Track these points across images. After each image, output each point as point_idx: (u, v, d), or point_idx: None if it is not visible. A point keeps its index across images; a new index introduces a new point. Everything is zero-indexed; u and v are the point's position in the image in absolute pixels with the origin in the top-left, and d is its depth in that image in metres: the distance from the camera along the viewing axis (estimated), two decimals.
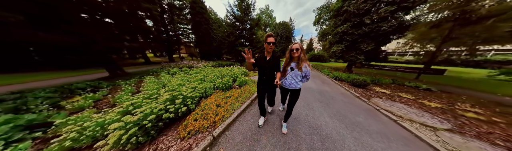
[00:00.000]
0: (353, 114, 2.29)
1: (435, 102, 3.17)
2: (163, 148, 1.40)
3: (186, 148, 1.39)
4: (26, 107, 2.25)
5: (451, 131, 1.91)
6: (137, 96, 2.24)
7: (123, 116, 1.66)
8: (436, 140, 1.64)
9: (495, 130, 2.03)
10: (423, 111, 2.62)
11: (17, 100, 2.34)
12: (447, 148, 1.52)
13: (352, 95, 3.53)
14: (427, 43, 7.42)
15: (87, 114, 1.96)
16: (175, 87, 2.61)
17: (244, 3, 10.73)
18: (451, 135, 1.79)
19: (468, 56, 8.91)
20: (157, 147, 1.42)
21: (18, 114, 2.02)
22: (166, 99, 1.85)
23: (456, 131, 1.91)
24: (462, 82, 6.78)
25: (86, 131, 1.42)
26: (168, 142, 1.49)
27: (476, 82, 7.20)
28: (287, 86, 1.52)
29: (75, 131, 1.40)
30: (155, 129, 1.58)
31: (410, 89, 4.68)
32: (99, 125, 1.49)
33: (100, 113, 2.05)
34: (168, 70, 5.96)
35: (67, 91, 3.02)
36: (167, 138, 1.56)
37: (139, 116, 1.41)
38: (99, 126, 1.48)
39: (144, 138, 1.43)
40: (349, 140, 1.56)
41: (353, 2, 5.51)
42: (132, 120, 1.38)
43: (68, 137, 1.34)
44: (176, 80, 3.48)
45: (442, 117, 2.35)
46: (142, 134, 1.43)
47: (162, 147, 1.42)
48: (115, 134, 1.26)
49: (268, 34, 1.34)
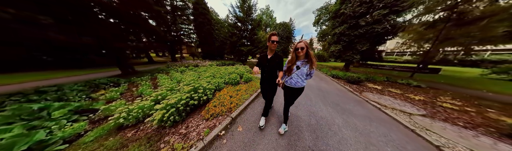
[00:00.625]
0: (344, 104, 2.71)
1: (419, 96, 3.59)
2: (193, 126, 1.81)
3: (211, 126, 1.79)
4: (66, 98, 2.66)
5: (424, 116, 2.33)
6: (161, 88, 2.66)
7: (155, 103, 2.08)
8: (408, 121, 2.06)
9: (462, 116, 2.45)
10: (406, 102, 3.04)
11: (58, 92, 2.75)
12: (415, 126, 1.94)
13: (346, 90, 3.96)
14: (424, 43, 7.60)
15: (120, 103, 2.37)
16: (190, 82, 3.02)
17: (246, 4, 11.15)
18: (423, 119, 2.21)
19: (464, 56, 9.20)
20: (188, 125, 1.83)
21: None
22: (190, 89, 2.26)
23: (428, 116, 2.33)
24: (454, 80, 7.09)
25: (132, 112, 1.83)
26: (195, 122, 1.90)
27: (468, 80, 7.47)
28: (293, 84, 1.49)
29: (124, 112, 1.81)
30: (184, 112, 1.99)
31: (402, 86, 5.09)
32: (140, 108, 1.90)
33: (130, 102, 2.47)
34: (176, 69, 6.37)
35: (93, 86, 3.43)
36: (194, 120, 1.97)
37: (175, 100, 1.82)
38: (140, 109, 1.90)
39: (178, 118, 1.83)
40: (339, 119, 1.98)
41: (349, 5, 5.96)
42: (170, 103, 1.79)
43: (121, 116, 1.75)
44: (188, 76, 3.90)
45: (421, 107, 2.77)
46: (177, 115, 1.84)
47: (191, 125, 1.83)
48: (159, 113, 1.67)
49: (272, 32, 1.35)
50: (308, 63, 1.36)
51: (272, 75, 1.57)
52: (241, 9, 11.25)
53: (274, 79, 1.54)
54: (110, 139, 1.55)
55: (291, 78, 1.48)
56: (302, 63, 1.39)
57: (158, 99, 2.23)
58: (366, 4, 5.40)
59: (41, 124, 1.65)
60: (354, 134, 1.67)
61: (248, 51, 10.63)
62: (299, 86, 1.48)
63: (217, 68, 5.67)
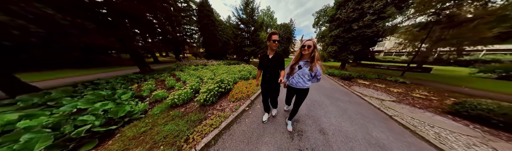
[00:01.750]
0: (334, 93, 3.51)
1: (398, 89, 4.38)
2: (224, 105, 2.58)
3: (237, 105, 2.57)
4: (114, 88, 3.43)
5: (393, 101, 3.13)
6: (189, 81, 3.44)
7: (193, 90, 2.87)
8: (378, 104, 2.85)
9: (424, 102, 3.24)
10: (385, 93, 3.83)
11: (108, 84, 3.52)
12: (381, 106, 2.73)
13: (338, 84, 4.76)
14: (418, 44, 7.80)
15: (162, 91, 3.14)
16: (212, 76, 3.80)
17: (249, 7, 11.97)
18: (390, 103, 3.00)
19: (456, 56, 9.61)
20: (221, 105, 2.60)
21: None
22: (218, 81, 3.04)
23: (396, 101, 3.13)
24: (441, 78, 7.64)
25: (181, 96, 2.60)
26: (225, 103, 2.67)
27: (455, 78, 7.88)
28: (294, 84, 1.49)
29: (176, 95, 2.58)
30: (217, 96, 2.77)
31: (389, 82, 5.89)
32: (185, 93, 2.68)
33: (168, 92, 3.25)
34: (188, 67, 7.14)
35: (129, 80, 4.20)
36: (223, 102, 2.74)
37: (214, 86, 2.61)
38: (185, 94, 2.67)
39: (214, 99, 2.61)
40: (327, 102, 2.78)
41: (344, 11, 6.78)
42: (209, 88, 2.57)
43: (174, 97, 2.52)
44: (204, 73, 4.68)
45: (394, 96, 3.57)
46: (213, 97, 2.61)
47: (223, 105, 2.60)
48: (203, 95, 2.45)
49: (273, 31, 1.33)
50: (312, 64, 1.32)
51: (274, 75, 1.55)
52: (245, 11, 12.06)
53: (276, 79, 1.53)
54: (170, 112, 2.32)
55: (293, 77, 1.50)
56: (305, 63, 1.38)
57: (192, 88, 3.02)
58: (358, 10, 6.22)
59: (122, 102, 2.42)
60: (336, 109, 2.46)
61: (251, 51, 11.43)
62: (301, 86, 1.47)
63: (226, 67, 6.45)
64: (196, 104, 2.51)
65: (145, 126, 1.84)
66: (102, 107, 2.06)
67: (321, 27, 15.88)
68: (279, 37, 1.39)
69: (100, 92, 2.76)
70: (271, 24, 29.16)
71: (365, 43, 6.68)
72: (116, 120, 1.91)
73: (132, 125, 1.89)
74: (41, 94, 2.59)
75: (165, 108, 2.47)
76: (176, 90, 3.11)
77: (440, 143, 1.62)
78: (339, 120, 2.11)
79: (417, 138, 1.75)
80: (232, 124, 1.93)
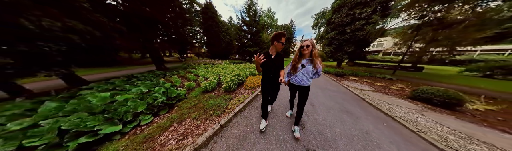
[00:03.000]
0: (326, 86, 4.45)
1: (381, 83, 5.33)
2: (242, 92, 3.51)
3: (251, 92, 3.50)
4: (151, 80, 4.35)
5: (371, 91, 4.07)
6: (212, 74, 4.36)
7: (216, 81, 3.80)
8: (359, 93, 3.79)
9: (396, 92, 4.17)
10: (368, 86, 4.78)
11: (145, 77, 4.45)
12: (360, 94, 3.67)
13: (331, 80, 5.71)
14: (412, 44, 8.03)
15: (190, 83, 4.06)
16: (227, 72, 4.73)
17: (251, 10, 12.96)
18: (368, 92, 3.95)
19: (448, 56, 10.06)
20: (239, 92, 3.52)
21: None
22: (235, 74, 3.98)
23: (374, 91, 4.07)
24: (429, 76, 8.14)
25: (210, 84, 3.53)
26: (242, 91, 3.59)
27: (442, 76, 8.40)
28: (298, 82, 1.55)
29: (206, 84, 3.51)
30: (236, 85, 3.70)
31: (377, 78, 6.80)
32: (211, 83, 3.61)
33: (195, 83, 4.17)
34: (198, 66, 8.07)
35: (156, 75, 5.13)
36: (240, 90, 3.67)
37: (234, 78, 3.54)
38: (211, 84, 3.60)
39: (235, 87, 3.54)
40: (319, 91, 3.73)
41: (338, 16, 7.76)
42: (232, 79, 3.51)
43: (205, 85, 3.45)
44: (218, 70, 5.60)
45: (374, 88, 4.51)
46: (233, 85, 3.54)
47: (241, 92, 3.53)
48: (227, 83, 3.38)
49: (282, 33, 1.36)
50: (313, 61, 1.41)
51: (276, 75, 1.61)
52: (247, 14, 13.05)
53: (277, 78, 1.59)
54: (206, 95, 3.24)
55: (296, 76, 1.54)
56: (307, 62, 1.45)
57: (216, 80, 3.95)
58: (350, 15, 7.19)
59: (169, 88, 3.35)
60: (325, 95, 3.41)
61: (254, 51, 12.39)
62: (304, 84, 1.53)
63: (234, 65, 7.39)
64: (221, 91, 3.44)
65: (192, 102, 2.76)
66: (160, 90, 2.99)
67: (320, 28, 16.89)
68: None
69: (147, 82, 3.69)
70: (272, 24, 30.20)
71: (358, 44, 7.65)
72: (171, 98, 2.84)
73: (183, 102, 2.81)
74: (103, 83, 3.52)
75: (200, 93, 3.40)
76: (201, 82, 4.05)
77: (388, 111, 2.56)
78: (325, 100, 3.05)
79: (374, 109, 2.70)
80: (251, 101, 2.87)
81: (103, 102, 2.21)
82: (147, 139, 1.59)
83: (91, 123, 1.61)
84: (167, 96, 2.80)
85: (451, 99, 2.82)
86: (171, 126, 1.88)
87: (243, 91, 3.55)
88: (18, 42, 2.35)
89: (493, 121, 2.44)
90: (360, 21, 6.87)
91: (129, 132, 1.79)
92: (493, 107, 3.09)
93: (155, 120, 2.12)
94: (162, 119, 2.13)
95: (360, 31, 7.14)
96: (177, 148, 1.43)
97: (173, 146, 1.47)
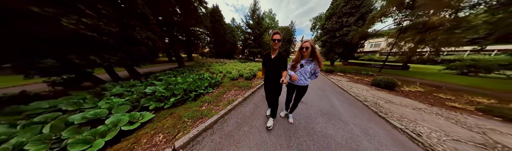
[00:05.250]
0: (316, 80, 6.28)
1: (360, 77, 7.15)
2: (256, 79, 5.32)
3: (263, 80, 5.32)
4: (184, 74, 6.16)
5: (347, 81, 5.91)
6: (233, 69, 6.19)
7: (237, 73, 5.64)
8: (336, 81, 5.62)
9: (366, 82, 6.00)
10: (347, 78, 6.60)
11: (177, 72, 6.27)
12: (338, 82, 5.49)
13: (320, 75, 7.54)
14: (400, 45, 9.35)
15: (220, 75, 5.87)
16: (242, 67, 6.54)
17: (255, 14, 14.84)
18: (344, 82, 5.78)
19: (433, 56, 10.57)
20: (254, 80, 5.34)
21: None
22: (249, 69, 5.81)
23: (349, 81, 5.91)
24: (411, 74, 9.36)
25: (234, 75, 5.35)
26: (255, 80, 5.41)
27: (423, 74, 9.53)
28: (296, 82, 1.63)
29: (232, 74, 5.33)
30: (252, 75, 5.52)
31: (361, 75, 8.63)
32: (235, 75, 5.43)
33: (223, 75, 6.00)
34: (212, 64, 9.88)
35: (187, 70, 6.94)
36: (254, 79, 5.49)
37: (250, 71, 5.38)
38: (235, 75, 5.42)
39: (251, 76, 5.37)
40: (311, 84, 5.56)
41: (330, 23, 9.63)
42: (247, 72, 5.34)
43: (230, 74, 5.28)
44: (235, 66, 7.42)
45: (350, 80, 6.34)
46: (250, 75, 5.36)
47: (255, 80, 5.35)
48: (247, 74, 5.21)
49: (275, 31, 1.41)
50: (313, 62, 1.51)
51: (276, 75, 1.65)
52: (251, 17, 14.93)
53: (277, 79, 1.63)
54: (234, 81, 5.05)
55: None
56: (306, 62, 1.54)
57: (237, 73, 5.76)
58: (339, 23, 9.05)
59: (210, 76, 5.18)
60: (312, 86, 5.22)
61: (258, 52, 14.24)
62: (301, 84, 1.64)
63: (243, 64, 9.21)
64: (243, 79, 5.25)
65: (228, 85, 4.56)
66: (207, 76, 4.82)
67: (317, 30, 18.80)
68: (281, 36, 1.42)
69: (189, 75, 5.50)
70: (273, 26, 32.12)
71: (346, 47, 9.49)
72: (214, 82, 4.66)
73: (222, 84, 4.61)
74: (165, 73, 5.33)
75: (229, 81, 5.20)
76: (224, 74, 5.87)
77: (350, 90, 4.38)
78: (310, 85, 4.87)
79: (340, 89, 4.53)
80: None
81: (182, 81, 4.02)
82: (217, 96, 3.38)
83: (192, 87, 3.42)
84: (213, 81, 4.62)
85: (389, 83, 4.65)
86: (225, 92, 3.67)
87: (256, 80, 5.37)
88: (129, 46, 4.16)
89: (411, 94, 4.23)
90: (346, 27, 8.74)
91: (206, 94, 3.59)
92: (423, 89, 4.91)
93: (214, 90, 3.92)
94: (217, 90, 3.94)
95: (346, 36, 9.02)
96: (233, 100, 3.21)
97: (231, 98, 3.26)
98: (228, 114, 2.43)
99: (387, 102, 3.38)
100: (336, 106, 3.00)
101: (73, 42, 2.77)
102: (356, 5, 8.40)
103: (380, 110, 2.80)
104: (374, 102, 3.29)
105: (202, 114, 2.27)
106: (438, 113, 2.77)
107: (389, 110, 2.84)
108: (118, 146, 1.55)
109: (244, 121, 2.18)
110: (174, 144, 1.56)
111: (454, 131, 2.12)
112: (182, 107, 2.68)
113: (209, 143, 1.64)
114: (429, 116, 2.63)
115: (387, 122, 2.32)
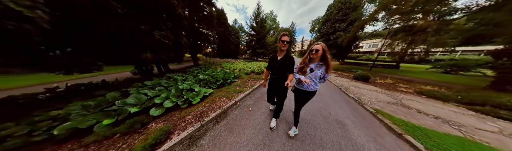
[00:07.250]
0: None
1: (347, 73, 8.88)
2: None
3: None
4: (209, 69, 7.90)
5: (336, 76, 7.66)
6: (246, 67, 7.94)
7: (250, 69, 7.42)
8: None
9: (350, 77, 7.75)
10: (336, 74, 8.35)
11: (205, 67, 8.01)
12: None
13: None
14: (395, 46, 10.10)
15: (235, 71, 7.60)
16: (250, 65, 8.28)
17: (258, 17, 16.62)
18: (334, 77, 7.53)
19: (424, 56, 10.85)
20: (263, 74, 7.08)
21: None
22: (258, 66, 7.57)
23: (336, 76, 7.66)
24: (398, 72, 10.96)
25: (248, 70, 7.10)
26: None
27: (410, 72, 10.98)
28: (305, 88, 1.57)
29: (246, 70, 7.07)
30: (261, 71, 7.27)
31: (352, 72, 10.38)
32: (248, 70, 7.18)
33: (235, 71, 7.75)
34: (222, 63, 11.59)
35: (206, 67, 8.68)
36: (263, 74, 7.22)
37: (259, 68, 7.13)
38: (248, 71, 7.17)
39: (260, 72, 7.11)
40: None
41: (325, 27, 11.41)
42: (257, 68, 7.10)
43: (244, 70, 7.02)
44: (245, 64, 9.16)
45: (339, 75, 8.09)
46: (260, 71, 7.10)
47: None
48: (258, 70, 6.95)
49: (284, 33, 1.47)
50: (323, 66, 1.43)
51: (281, 77, 1.64)
52: (255, 20, 16.72)
53: (283, 81, 1.58)
54: (249, 75, 6.78)
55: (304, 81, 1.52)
56: (316, 66, 1.47)
57: (249, 69, 7.50)
58: (333, 28, 10.82)
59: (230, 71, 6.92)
60: None
61: (261, 52, 16.00)
62: (312, 89, 1.57)
63: (250, 63, 10.94)
64: (254, 74, 6.99)
65: (246, 77, 6.27)
66: (230, 71, 6.56)
67: (316, 33, 20.67)
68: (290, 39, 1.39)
69: (209, 72, 7.23)
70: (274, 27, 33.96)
71: (339, 48, 11.26)
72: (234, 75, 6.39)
73: (241, 77, 6.33)
74: (191, 70, 7.06)
75: (244, 75, 6.90)
76: (239, 71, 7.60)
77: (334, 82, 6.12)
78: None
79: (330, 83, 6.27)
80: None
81: (216, 73, 5.74)
82: (242, 83, 5.08)
83: (226, 77, 5.13)
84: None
85: (364, 76, 6.41)
86: (246, 81, 5.38)
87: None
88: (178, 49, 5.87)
89: (379, 84, 5.96)
90: (339, 32, 10.53)
91: (233, 82, 5.31)
92: (392, 81, 6.66)
93: (237, 80, 5.63)
94: (240, 80, 5.65)
95: (338, 39, 10.81)
96: (253, 85, 4.92)
97: (251, 84, 4.97)
98: (252, 92, 4.15)
99: (356, 87, 5.14)
100: (320, 90, 4.73)
101: (153, 46, 4.51)
102: (347, 13, 10.21)
103: (347, 91, 4.54)
104: (346, 87, 5.04)
105: (239, 91, 3.99)
106: (384, 93, 4.52)
107: (353, 90, 4.59)
108: (206, 100, 3.26)
109: (262, 95, 3.90)
110: (234, 100, 3.28)
111: (384, 99, 3.86)
112: (224, 88, 4.39)
113: (249, 101, 3.36)
114: (376, 94, 4.37)
115: (346, 95, 4.08)
